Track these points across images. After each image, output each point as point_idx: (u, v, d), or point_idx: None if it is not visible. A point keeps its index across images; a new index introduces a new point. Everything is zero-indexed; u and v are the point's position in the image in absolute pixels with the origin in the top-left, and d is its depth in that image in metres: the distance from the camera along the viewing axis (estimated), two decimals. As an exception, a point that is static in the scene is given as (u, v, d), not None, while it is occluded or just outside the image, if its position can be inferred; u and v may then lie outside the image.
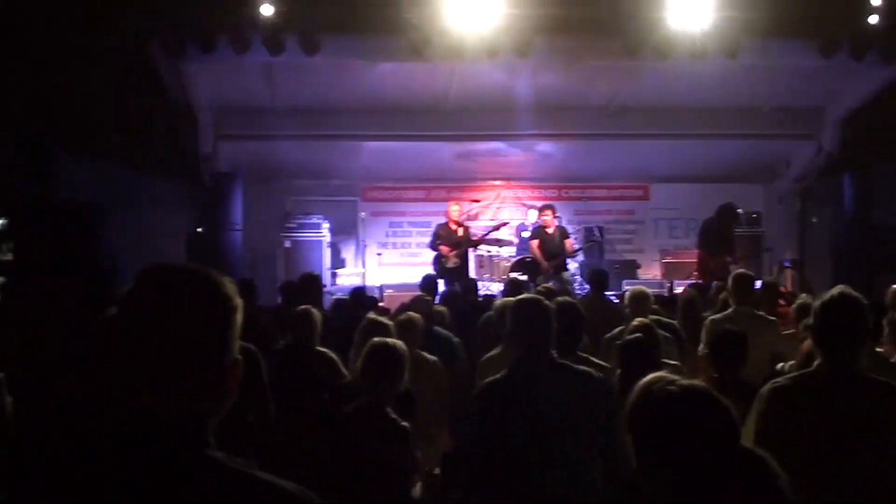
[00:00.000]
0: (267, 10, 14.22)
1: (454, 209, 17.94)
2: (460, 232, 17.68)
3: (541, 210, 18.00)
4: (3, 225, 17.75)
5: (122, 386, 2.11)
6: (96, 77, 15.63)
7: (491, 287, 17.84)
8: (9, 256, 16.08)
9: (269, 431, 7.25)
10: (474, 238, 18.11)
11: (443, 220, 17.97)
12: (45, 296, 11.58)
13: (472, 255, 18.35)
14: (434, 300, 11.94)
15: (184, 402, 2.08)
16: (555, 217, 17.66)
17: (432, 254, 17.56)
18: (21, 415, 7.44)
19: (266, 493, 2.06)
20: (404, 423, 5.86)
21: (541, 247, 17.40)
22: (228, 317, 2.17)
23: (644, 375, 2.87)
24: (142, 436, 2.05)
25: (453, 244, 17.37)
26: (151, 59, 15.79)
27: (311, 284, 11.71)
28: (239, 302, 2.21)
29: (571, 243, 17.78)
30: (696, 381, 2.81)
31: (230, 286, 2.21)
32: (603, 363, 6.89)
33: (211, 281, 2.18)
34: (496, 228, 18.52)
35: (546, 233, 17.48)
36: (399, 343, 6.21)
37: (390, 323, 7.78)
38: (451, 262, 17.15)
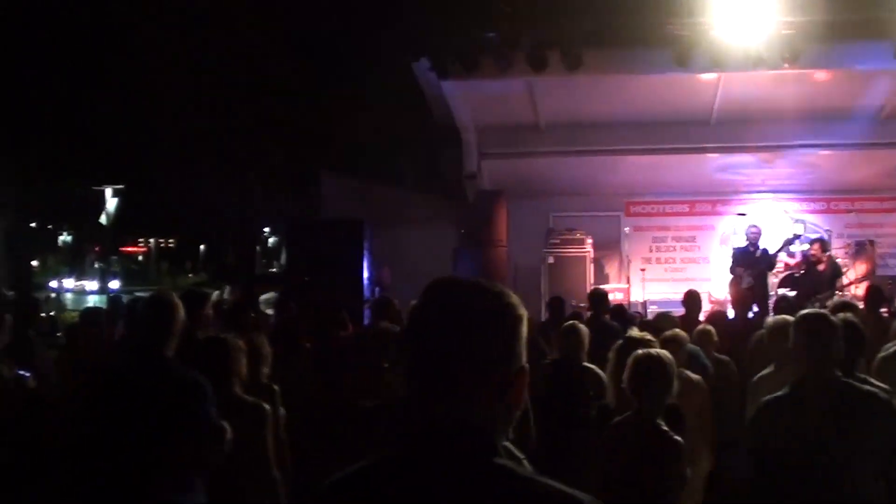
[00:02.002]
0: (530, 29, 14.30)
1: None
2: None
3: (811, 244, 17.27)
4: (275, 242, 18.53)
5: (414, 396, 2.17)
6: (361, 100, 16.10)
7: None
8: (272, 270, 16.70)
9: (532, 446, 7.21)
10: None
11: (707, 234, 17.48)
12: (315, 310, 12.02)
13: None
14: (698, 317, 11.74)
15: (474, 410, 2.11)
16: (825, 254, 16.91)
17: (697, 269, 17.14)
18: (300, 424, 7.71)
19: (558, 502, 2.05)
20: (677, 437, 5.71)
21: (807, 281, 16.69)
22: (515, 326, 2.19)
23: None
24: (434, 445, 2.10)
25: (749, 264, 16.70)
26: (416, 80, 16.14)
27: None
28: (524, 312, 2.23)
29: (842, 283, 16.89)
30: None
31: (515, 297, 2.23)
32: (881, 384, 6.54)
33: (496, 292, 2.21)
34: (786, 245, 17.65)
35: (817, 270, 16.80)
36: (666, 353, 6.05)
37: (654, 339, 7.63)
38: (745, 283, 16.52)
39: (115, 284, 50.88)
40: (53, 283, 52.80)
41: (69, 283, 53.81)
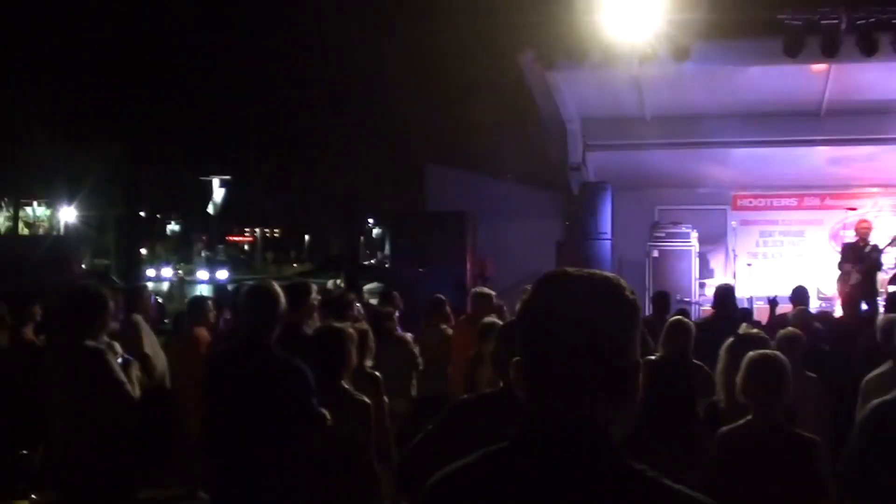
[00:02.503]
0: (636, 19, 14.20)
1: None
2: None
3: None
4: (379, 233, 18.70)
5: (529, 392, 2.13)
6: (466, 93, 16.14)
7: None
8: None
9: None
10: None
11: (816, 228, 17.13)
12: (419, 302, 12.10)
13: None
14: (806, 312, 11.48)
15: (592, 406, 2.07)
16: None
17: (804, 264, 16.82)
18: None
19: None
20: (811, 436, 5.51)
21: None
22: (631, 318, 2.15)
23: None
24: (552, 441, 2.06)
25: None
26: (522, 72, 16.12)
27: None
28: (639, 304, 2.18)
29: None
30: None
31: (630, 287, 2.18)
32: None
33: (611, 282, 2.16)
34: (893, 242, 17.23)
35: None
36: (780, 355, 5.91)
37: (767, 337, 7.49)
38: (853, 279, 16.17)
39: (221, 273, 51.65)
40: (160, 271, 53.69)
41: (169, 271, 54.69)
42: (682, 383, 7.61)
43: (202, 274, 49.92)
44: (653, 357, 8.50)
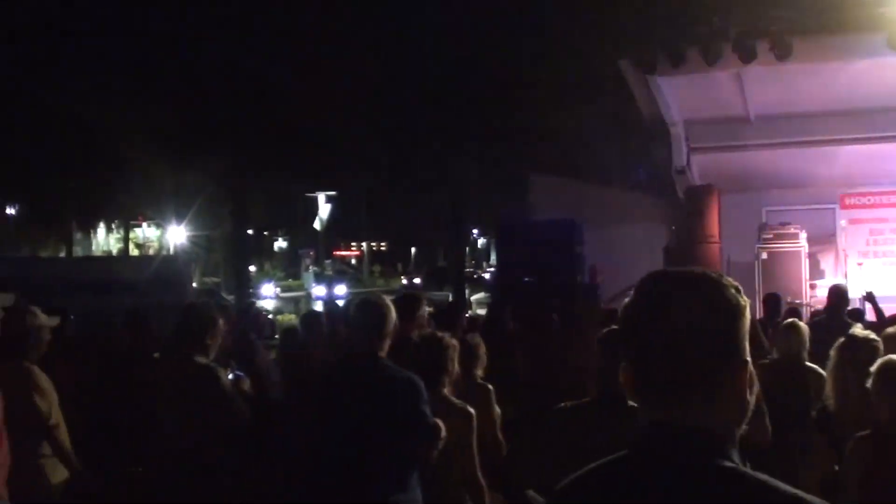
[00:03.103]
0: (736, 19, 14.09)
1: None
2: None
3: None
4: (484, 243, 18.79)
5: (637, 397, 2.11)
6: (568, 98, 16.15)
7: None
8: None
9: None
10: None
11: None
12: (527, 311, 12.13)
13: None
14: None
15: (700, 410, 2.04)
16: None
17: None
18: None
19: None
20: None
21: None
22: (737, 316, 2.11)
23: None
24: (662, 446, 2.04)
25: None
26: (622, 77, 16.08)
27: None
28: (745, 302, 2.14)
29: None
30: None
31: (735, 285, 2.15)
32: None
33: (713, 281, 2.13)
34: None
35: None
36: None
37: (878, 338, 7.31)
38: None
39: (339, 289, 52.31)
40: (270, 288, 54.33)
41: (271, 288, 55.38)
42: (797, 386, 7.53)
43: (319, 290, 50.44)
44: (766, 360, 8.42)
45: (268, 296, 51.17)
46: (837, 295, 11.48)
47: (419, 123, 34.14)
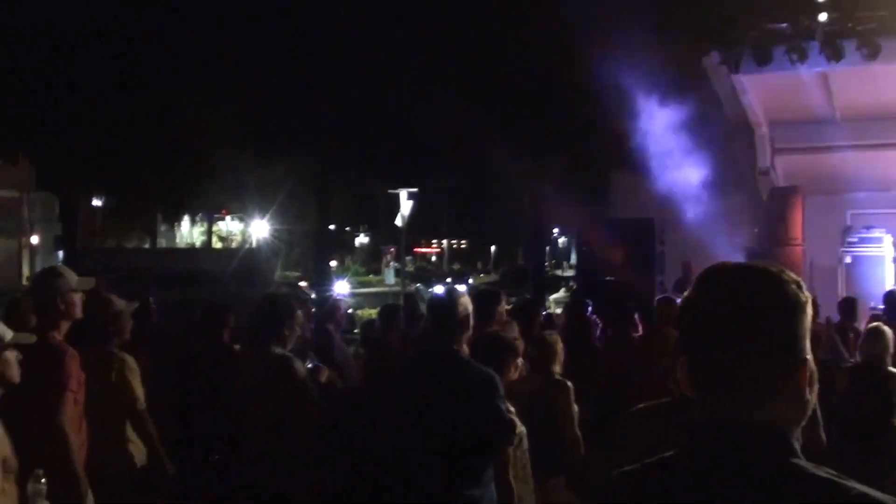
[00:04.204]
0: (824, 17, 13.92)
1: None
2: None
3: None
4: (565, 242, 18.79)
5: (696, 392, 2.08)
6: (649, 98, 16.05)
7: None
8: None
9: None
10: None
11: None
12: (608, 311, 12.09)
13: None
14: None
15: (761, 406, 2.00)
16: None
17: None
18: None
19: None
20: None
21: None
22: (797, 312, 2.06)
23: None
24: (725, 443, 2.01)
25: None
26: (707, 75, 15.97)
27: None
28: (806, 298, 2.08)
29: None
30: None
31: (797, 278, 2.10)
32: None
33: (773, 275, 2.09)
34: None
35: None
36: None
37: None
38: None
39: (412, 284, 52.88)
40: (344, 285, 54.57)
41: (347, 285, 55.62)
42: (880, 391, 7.42)
43: (394, 285, 50.66)
44: (849, 364, 8.31)
45: (342, 293, 51.44)
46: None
47: (502, 122, 34.15)
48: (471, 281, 51.46)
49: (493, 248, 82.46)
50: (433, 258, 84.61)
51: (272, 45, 35.92)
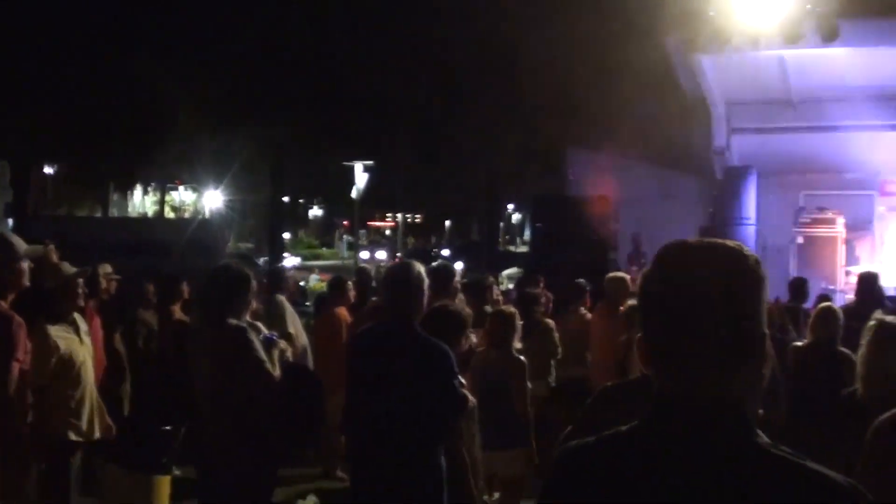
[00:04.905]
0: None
1: None
2: None
3: None
4: (519, 218, 18.79)
5: (655, 369, 2.06)
6: (607, 76, 16.07)
7: None
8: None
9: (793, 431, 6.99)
10: None
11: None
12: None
13: None
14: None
15: (720, 382, 1.99)
16: None
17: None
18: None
19: (818, 486, 1.92)
20: None
21: None
22: (754, 288, 2.05)
23: None
24: (684, 419, 1.99)
25: None
26: (667, 55, 15.99)
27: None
28: (765, 274, 2.07)
29: None
30: None
31: (755, 255, 2.09)
32: None
33: (733, 251, 2.08)
34: None
35: None
36: None
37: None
38: None
39: (380, 254, 53.41)
40: (293, 260, 54.47)
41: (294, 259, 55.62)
42: (831, 371, 7.47)
43: (364, 254, 50.83)
44: (800, 343, 8.36)
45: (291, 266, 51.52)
46: (867, 281, 11.46)
47: (457, 96, 34.13)
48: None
49: (447, 222, 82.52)
50: (387, 232, 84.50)
51: (229, 14, 35.64)
